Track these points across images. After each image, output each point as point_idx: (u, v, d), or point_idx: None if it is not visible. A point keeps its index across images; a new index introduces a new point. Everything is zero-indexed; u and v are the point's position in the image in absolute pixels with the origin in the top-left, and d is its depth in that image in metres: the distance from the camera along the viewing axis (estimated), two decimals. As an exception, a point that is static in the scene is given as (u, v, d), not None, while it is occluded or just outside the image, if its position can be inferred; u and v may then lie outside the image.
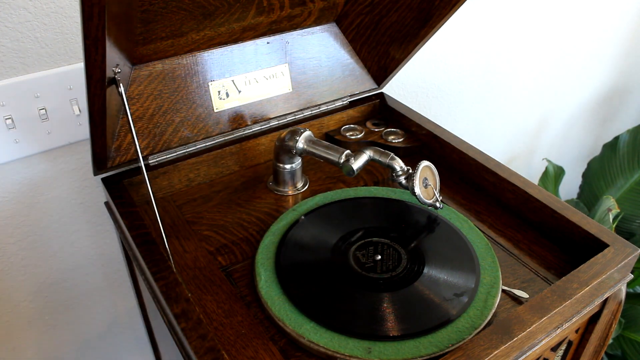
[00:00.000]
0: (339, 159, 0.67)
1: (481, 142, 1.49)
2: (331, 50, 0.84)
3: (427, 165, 0.67)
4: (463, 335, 0.53)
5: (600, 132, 1.93)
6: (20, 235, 0.82)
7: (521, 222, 0.71)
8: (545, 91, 1.56)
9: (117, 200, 0.67)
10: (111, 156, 0.69)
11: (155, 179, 0.73)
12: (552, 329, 0.55)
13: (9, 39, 0.69)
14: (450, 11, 0.73)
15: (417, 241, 0.65)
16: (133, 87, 0.69)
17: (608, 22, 1.56)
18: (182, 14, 0.64)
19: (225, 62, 0.75)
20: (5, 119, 0.72)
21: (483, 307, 0.56)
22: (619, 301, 0.63)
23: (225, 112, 0.77)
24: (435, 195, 0.68)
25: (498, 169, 0.73)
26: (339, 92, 0.87)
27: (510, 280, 0.62)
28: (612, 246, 0.61)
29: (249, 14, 0.70)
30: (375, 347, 0.52)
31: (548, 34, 1.42)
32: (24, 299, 0.88)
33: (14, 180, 0.78)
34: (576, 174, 1.78)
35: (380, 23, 0.81)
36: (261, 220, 0.71)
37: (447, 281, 0.59)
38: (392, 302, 0.57)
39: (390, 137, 0.85)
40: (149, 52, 0.67)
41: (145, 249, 0.60)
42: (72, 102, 0.76)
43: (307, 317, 0.55)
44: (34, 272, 0.86)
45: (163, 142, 0.73)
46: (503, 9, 1.26)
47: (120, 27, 0.55)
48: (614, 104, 1.86)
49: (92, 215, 0.88)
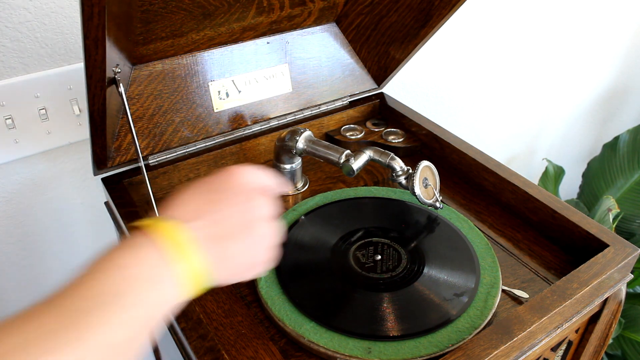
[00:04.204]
0: (339, 159, 0.67)
1: (481, 142, 1.49)
2: (331, 50, 0.84)
3: (427, 165, 0.67)
4: (463, 335, 0.53)
5: (600, 132, 1.93)
6: (20, 235, 0.82)
7: (521, 222, 0.71)
8: (545, 91, 1.56)
9: (117, 200, 0.67)
10: (111, 156, 0.69)
11: (155, 179, 0.73)
12: (552, 329, 0.55)
13: (9, 39, 0.69)
14: (450, 11, 0.73)
15: (417, 241, 0.65)
16: (133, 87, 0.69)
17: (608, 22, 1.56)
18: (182, 14, 0.64)
19: (225, 62, 0.75)
20: (5, 119, 0.72)
21: (483, 307, 0.56)
22: (619, 301, 0.63)
23: (225, 112, 0.77)
24: (435, 195, 0.68)
25: (498, 169, 0.73)
26: (339, 92, 0.87)
27: (510, 280, 0.62)
28: (612, 246, 0.61)
29: (249, 14, 0.70)
30: (375, 347, 0.52)
31: (548, 33, 1.42)
32: (24, 299, 0.88)
33: (14, 180, 0.78)
34: (576, 174, 1.78)
35: (380, 23, 0.81)
36: (261, 220, 0.71)
37: (447, 281, 0.59)
38: (392, 302, 0.57)
39: (390, 137, 0.85)
40: (149, 52, 0.67)
41: (145, 249, 0.59)
42: (72, 102, 0.76)
43: (307, 317, 0.55)
44: (34, 272, 0.86)
45: (163, 142, 0.73)
46: (503, 9, 1.26)
47: (120, 27, 0.55)
48: (614, 104, 1.86)
49: (92, 215, 0.88)
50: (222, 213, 0.40)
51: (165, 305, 0.36)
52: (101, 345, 0.31)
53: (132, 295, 0.34)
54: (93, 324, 0.31)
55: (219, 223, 0.40)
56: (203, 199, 0.41)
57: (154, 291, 0.35)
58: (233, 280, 0.42)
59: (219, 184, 0.42)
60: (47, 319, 0.31)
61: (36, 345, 0.29)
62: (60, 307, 0.32)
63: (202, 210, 0.40)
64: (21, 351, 0.29)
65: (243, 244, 0.41)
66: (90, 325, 0.31)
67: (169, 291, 0.36)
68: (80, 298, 0.32)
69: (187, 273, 0.37)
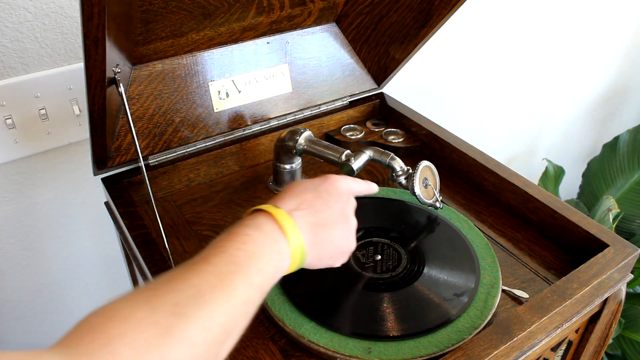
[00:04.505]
0: (339, 159, 0.67)
1: (481, 142, 1.49)
2: (331, 50, 0.84)
3: (427, 165, 0.67)
4: (463, 335, 0.53)
5: (600, 132, 1.93)
6: (20, 235, 0.82)
7: (521, 222, 0.71)
8: (545, 91, 1.56)
9: (117, 200, 0.67)
10: (111, 156, 0.69)
11: (155, 179, 0.73)
12: (552, 329, 0.55)
13: (9, 39, 0.69)
14: (450, 11, 0.73)
15: (417, 241, 0.65)
16: (133, 87, 0.69)
17: (608, 22, 1.56)
18: (182, 14, 0.64)
19: (225, 62, 0.75)
20: (5, 119, 0.72)
21: (483, 307, 0.56)
22: (619, 301, 0.63)
23: (225, 112, 0.77)
24: (435, 195, 0.68)
25: (498, 169, 0.73)
26: (339, 92, 0.87)
27: (510, 280, 0.62)
28: (612, 246, 0.61)
29: (249, 14, 0.70)
30: (375, 347, 0.52)
31: (548, 34, 1.42)
32: (24, 299, 0.88)
33: (14, 180, 0.78)
34: (576, 174, 1.78)
35: (380, 23, 0.81)
36: (261, 220, 0.71)
37: (447, 281, 0.59)
38: (392, 302, 0.57)
39: (390, 137, 0.85)
40: (149, 52, 0.67)
41: (145, 249, 0.60)
42: (72, 102, 0.76)
43: (307, 317, 0.55)
44: (34, 272, 0.86)
45: (163, 142, 0.73)
46: (503, 9, 1.26)
47: (120, 27, 0.55)
48: (614, 104, 1.86)
49: (92, 215, 0.88)
50: (324, 206, 0.50)
51: (274, 276, 0.44)
52: (238, 303, 0.39)
53: (257, 264, 0.42)
54: (234, 285, 0.39)
55: (319, 213, 0.50)
56: (310, 194, 0.51)
57: (269, 262, 0.43)
58: (318, 265, 0.51)
59: (324, 186, 0.52)
60: (196, 280, 0.38)
61: (193, 301, 0.36)
62: (204, 271, 0.39)
63: (308, 202, 0.50)
64: (185, 305, 0.35)
65: (335, 234, 0.50)
66: (232, 286, 0.39)
67: (279, 264, 0.45)
68: (221, 263, 0.40)
69: (292, 251, 0.46)
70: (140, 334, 0.33)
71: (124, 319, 0.33)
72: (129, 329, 0.33)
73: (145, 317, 0.34)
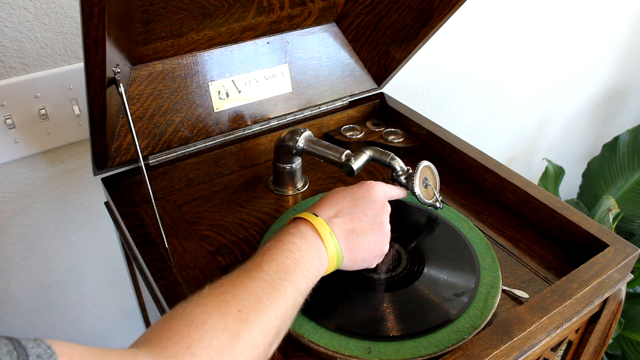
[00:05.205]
0: (339, 159, 0.67)
1: (481, 142, 1.49)
2: (331, 50, 0.84)
3: (427, 165, 0.67)
4: (463, 335, 0.53)
5: (600, 132, 1.93)
6: (20, 235, 0.82)
7: (521, 222, 0.71)
8: (545, 91, 1.56)
9: (117, 200, 0.67)
10: (111, 156, 0.69)
11: (155, 179, 0.73)
12: (552, 329, 0.55)
13: (9, 39, 0.69)
14: (450, 11, 0.73)
15: (417, 241, 0.65)
16: (133, 87, 0.69)
17: (608, 22, 1.56)
18: (182, 14, 0.64)
19: (225, 62, 0.75)
20: (5, 119, 0.72)
21: (483, 307, 0.56)
22: (619, 301, 0.63)
23: (225, 112, 0.77)
24: (435, 195, 0.68)
25: (498, 169, 0.73)
26: (339, 92, 0.87)
27: (510, 280, 0.62)
28: (612, 246, 0.61)
29: (249, 14, 0.70)
30: (375, 347, 0.52)
31: (548, 34, 1.42)
32: (24, 299, 0.88)
33: (14, 180, 0.78)
34: (576, 174, 1.78)
35: (380, 23, 0.81)
36: (261, 220, 0.71)
37: (447, 281, 0.59)
38: (392, 302, 0.57)
39: (390, 137, 0.85)
40: (149, 52, 0.67)
41: (145, 249, 0.60)
42: (72, 102, 0.76)
43: (307, 317, 0.55)
44: (34, 272, 0.86)
45: (163, 142, 0.73)
46: (503, 9, 1.26)
47: (120, 27, 0.55)
48: (614, 104, 1.87)
49: (92, 215, 0.88)
50: (360, 214, 0.55)
51: (315, 280, 0.50)
52: (289, 307, 0.44)
53: (303, 270, 0.47)
54: (285, 291, 0.45)
55: (355, 221, 0.54)
56: (347, 202, 0.55)
57: (312, 268, 0.49)
58: (353, 268, 0.55)
59: (360, 193, 0.56)
60: (254, 288, 0.43)
61: (254, 307, 0.42)
62: (260, 279, 0.44)
63: (345, 210, 0.54)
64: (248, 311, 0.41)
65: (368, 239, 0.54)
66: (283, 292, 0.44)
67: (319, 269, 0.50)
68: (273, 271, 0.45)
69: (329, 256, 0.51)
70: (214, 339, 0.38)
71: (201, 324, 0.38)
72: (205, 334, 0.38)
73: (217, 322, 0.39)
